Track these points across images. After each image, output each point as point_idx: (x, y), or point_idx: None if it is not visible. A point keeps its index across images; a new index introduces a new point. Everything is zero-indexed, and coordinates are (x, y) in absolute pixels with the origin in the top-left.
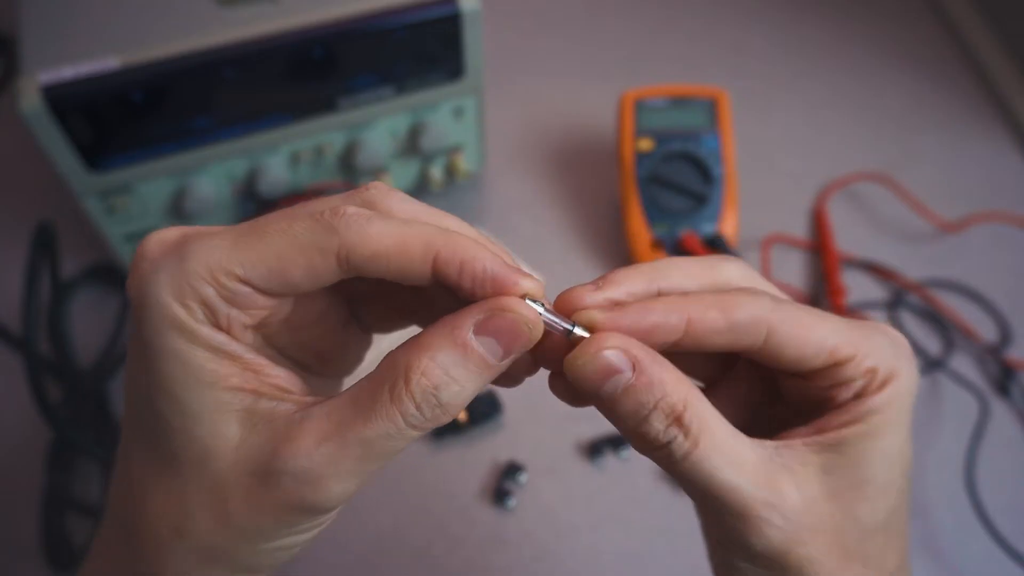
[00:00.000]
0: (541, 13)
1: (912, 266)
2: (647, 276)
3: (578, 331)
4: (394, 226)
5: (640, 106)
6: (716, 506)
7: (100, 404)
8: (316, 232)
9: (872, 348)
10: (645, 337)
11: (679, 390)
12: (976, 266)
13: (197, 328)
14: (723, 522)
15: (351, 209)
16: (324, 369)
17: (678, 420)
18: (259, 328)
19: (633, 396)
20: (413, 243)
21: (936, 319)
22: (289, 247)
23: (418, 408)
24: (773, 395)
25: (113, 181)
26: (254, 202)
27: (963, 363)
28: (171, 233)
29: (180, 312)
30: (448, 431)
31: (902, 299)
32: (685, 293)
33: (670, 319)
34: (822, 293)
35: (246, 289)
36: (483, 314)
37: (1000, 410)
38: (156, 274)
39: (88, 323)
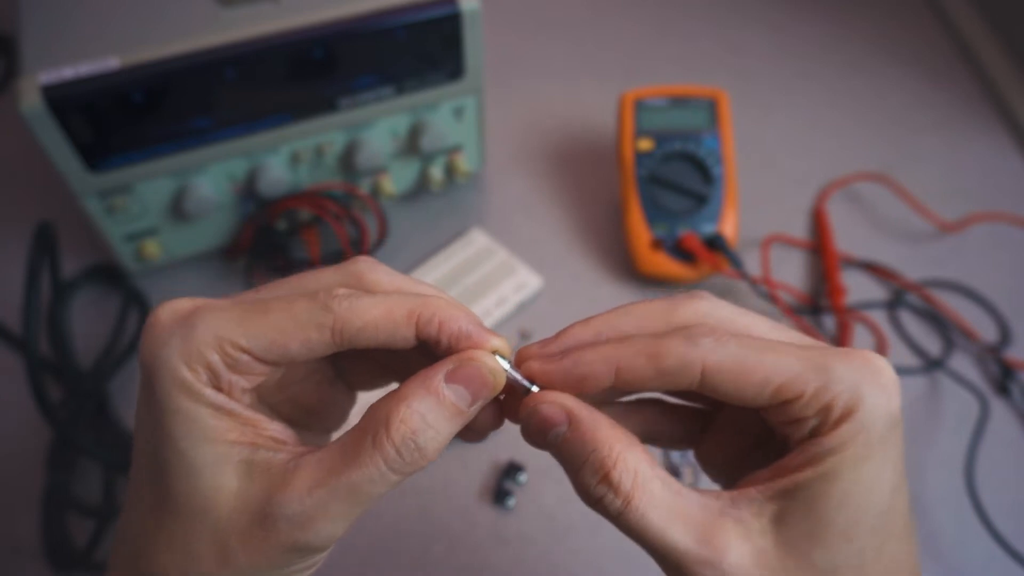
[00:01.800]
0: (541, 13)
1: (912, 266)
2: (595, 330)
3: (536, 388)
4: (379, 299)
5: (640, 106)
6: (656, 560)
7: (100, 404)
8: (313, 311)
9: (829, 380)
10: (577, 385)
11: (611, 448)
12: (976, 266)
13: (202, 389)
14: (667, 573)
15: (342, 291)
16: (312, 424)
17: (606, 478)
18: (254, 390)
19: (568, 448)
20: (397, 310)
21: (936, 319)
22: (289, 323)
23: (398, 452)
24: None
25: (113, 181)
26: (254, 202)
27: (963, 363)
28: (183, 304)
29: (187, 375)
30: None
31: (902, 299)
32: (621, 339)
33: (598, 369)
34: (822, 293)
35: (247, 358)
36: (453, 364)
37: (1000, 410)
38: (168, 340)
39: (88, 323)
